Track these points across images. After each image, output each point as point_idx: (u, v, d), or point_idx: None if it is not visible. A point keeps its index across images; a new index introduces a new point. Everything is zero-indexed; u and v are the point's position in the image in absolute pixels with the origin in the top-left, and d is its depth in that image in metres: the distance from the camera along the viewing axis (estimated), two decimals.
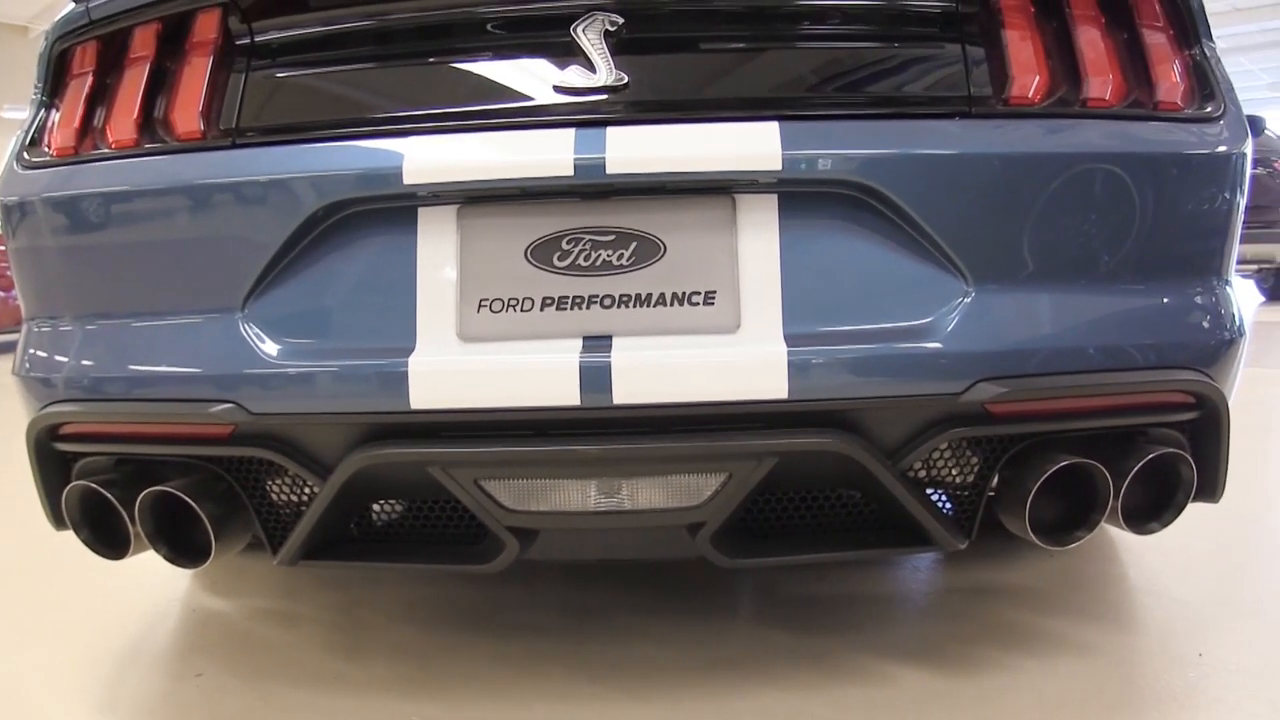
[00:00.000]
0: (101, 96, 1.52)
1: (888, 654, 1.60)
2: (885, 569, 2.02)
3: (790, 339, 1.22)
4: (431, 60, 1.38)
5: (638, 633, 1.72)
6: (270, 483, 1.45)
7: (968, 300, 1.25)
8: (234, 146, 1.37)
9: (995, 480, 1.38)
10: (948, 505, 1.42)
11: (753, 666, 1.57)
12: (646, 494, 1.28)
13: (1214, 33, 1.46)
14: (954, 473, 1.41)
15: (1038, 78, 1.32)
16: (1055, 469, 1.28)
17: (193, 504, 1.34)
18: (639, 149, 1.22)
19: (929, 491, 1.41)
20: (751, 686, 1.51)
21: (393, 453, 1.25)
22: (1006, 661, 1.56)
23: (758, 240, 1.24)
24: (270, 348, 1.30)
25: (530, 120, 1.28)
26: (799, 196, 1.25)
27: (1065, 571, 1.96)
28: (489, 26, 1.36)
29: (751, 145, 1.22)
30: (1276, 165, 7.95)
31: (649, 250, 1.24)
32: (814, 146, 1.23)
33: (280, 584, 2.07)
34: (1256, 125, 7.98)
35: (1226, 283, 1.42)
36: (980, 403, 1.24)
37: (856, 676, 1.53)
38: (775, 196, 1.25)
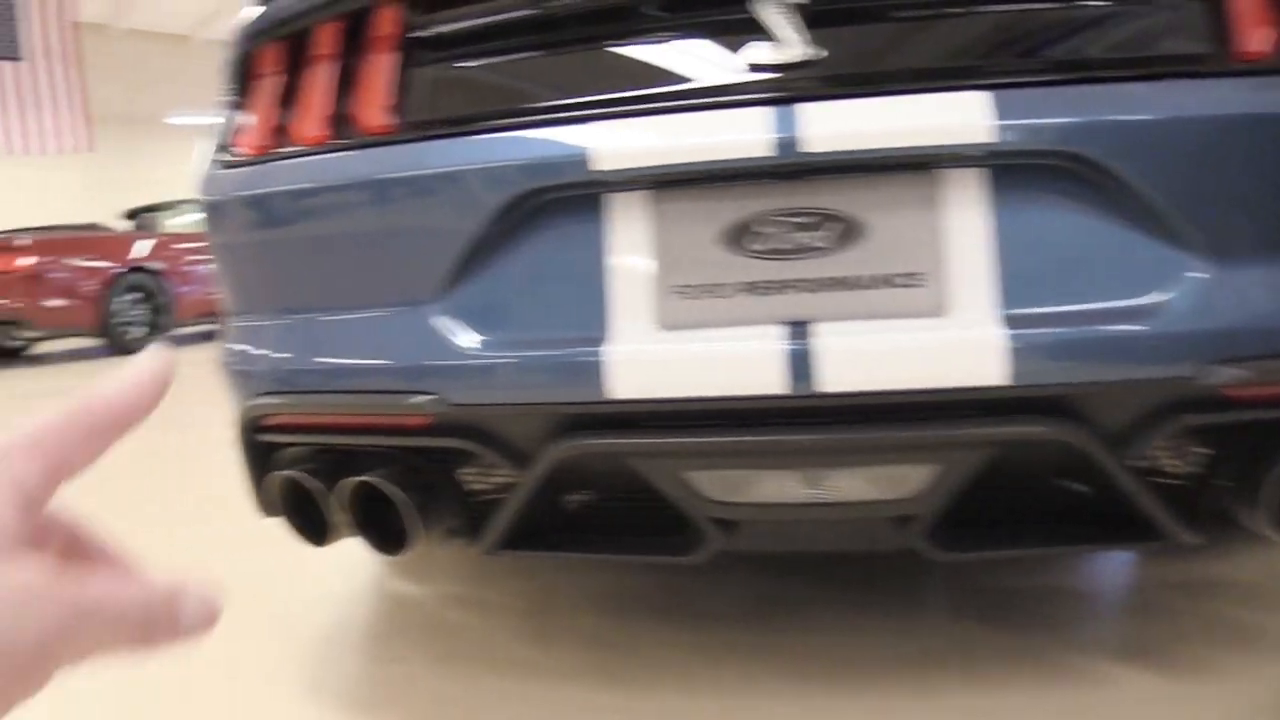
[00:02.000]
0: (290, 95, 1.56)
1: (1100, 653, 1.51)
2: (1086, 561, 1.91)
3: (1006, 321, 1.14)
4: (614, 44, 1.35)
5: (829, 624, 1.68)
6: (467, 472, 1.47)
7: (1201, 276, 1.15)
8: (422, 139, 1.38)
9: (1228, 469, 1.28)
10: (1177, 496, 1.32)
11: (957, 663, 1.51)
12: (854, 485, 1.23)
13: None
14: (1185, 461, 1.31)
15: (1271, 29, 1.21)
16: None
17: (393, 493, 1.36)
18: (837, 125, 1.16)
19: (1158, 482, 1.32)
20: (958, 684, 1.44)
21: (594, 443, 1.24)
22: (1231, 664, 1.45)
23: (967, 217, 1.17)
24: (467, 339, 1.30)
25: (719, 101, 1.24)
26: (1011, 170, 1.18)
27: None
28: (671, 5, 1.33)
29: (958, 117, 1.15)
30: None
31: (849, 231, 1.18)
32: (1026, 116, 1.15)
33: (467, 570, 2.11)
34: None
35: None
36: (1216, 386, 1.14)
37: (1071, 677, 1.44)
38: (985, 170, 1.18)
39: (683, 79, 1.29)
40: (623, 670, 1.58)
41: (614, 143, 1.24)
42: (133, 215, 10.66)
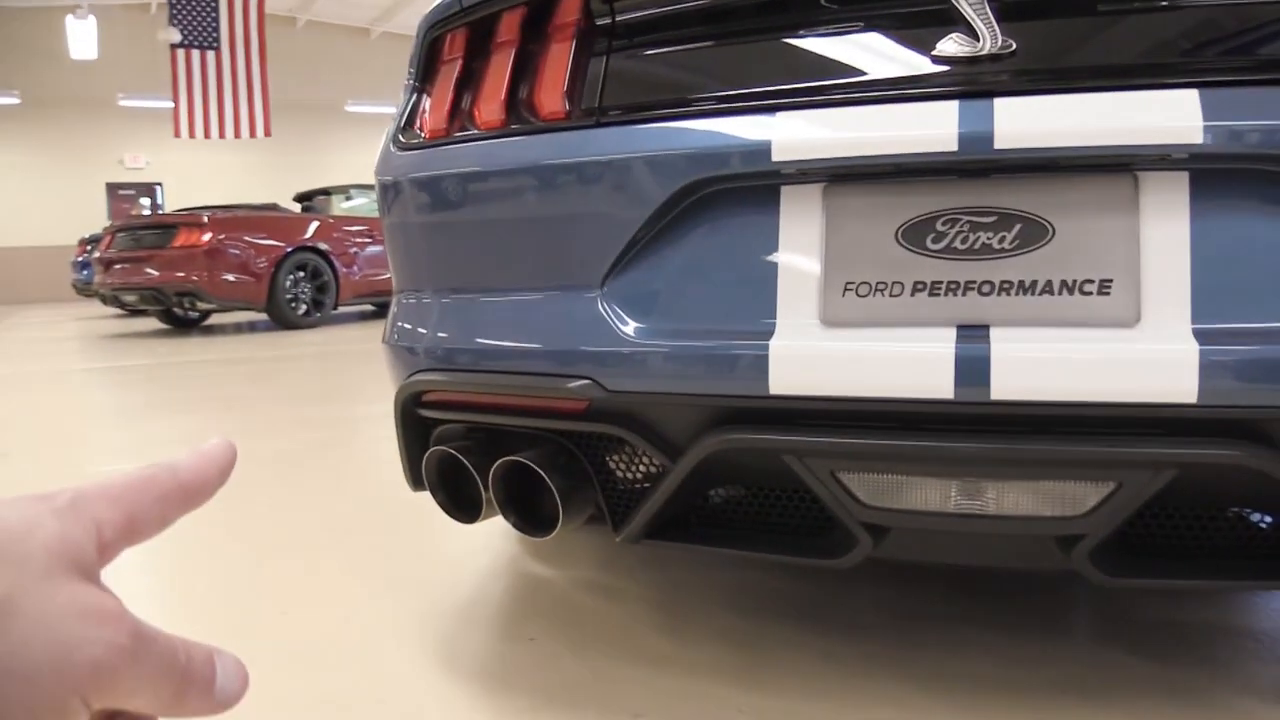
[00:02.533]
0: (470, 80, 1.59)
1: (1259, 695, 1.40)
2: (1249, 600, 1.79)
3: (1201, 336, 1.07)
4: (796, 33, 1.33)
5: (971, 645, 1.61)
6: (614, 459, 1.47)
7: None
8: (597, 126, 1.38)
9: None
10: None
11: (1104, 694, 1.42)
12: (1016, 499, 1.17)
13: None
14: None
15: None
16: None
17: (544, 475, 1.37)
18: (1032, 122, 1.11)
19: None
20: (1099, 715, 1.36)
21: (749, 438, 1.22)
22: None
23: (1164, 223, 1.10)
24: (628, 326, 1.30)
25: (905, 93, 1.20)
26: (1216, 174, 1.10)
27: None
28: None
29: (1165, 116, 1.08)
30: None
31: (1035, 233, 1.13)
32: (1238, 117, 1.07)
33: (601, 557, 2.12)
34: None
35: None
36: None
37: (1223, 717, 1.35)
38: (1186, 174, 1.11)
39: (867, 71, 1.26)
40: (756, 671, 1.55)
41: (797, 134, 1.22)
42: (304, 198, 11.18)
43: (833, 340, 1.17)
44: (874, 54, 1.26)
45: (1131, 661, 1.54)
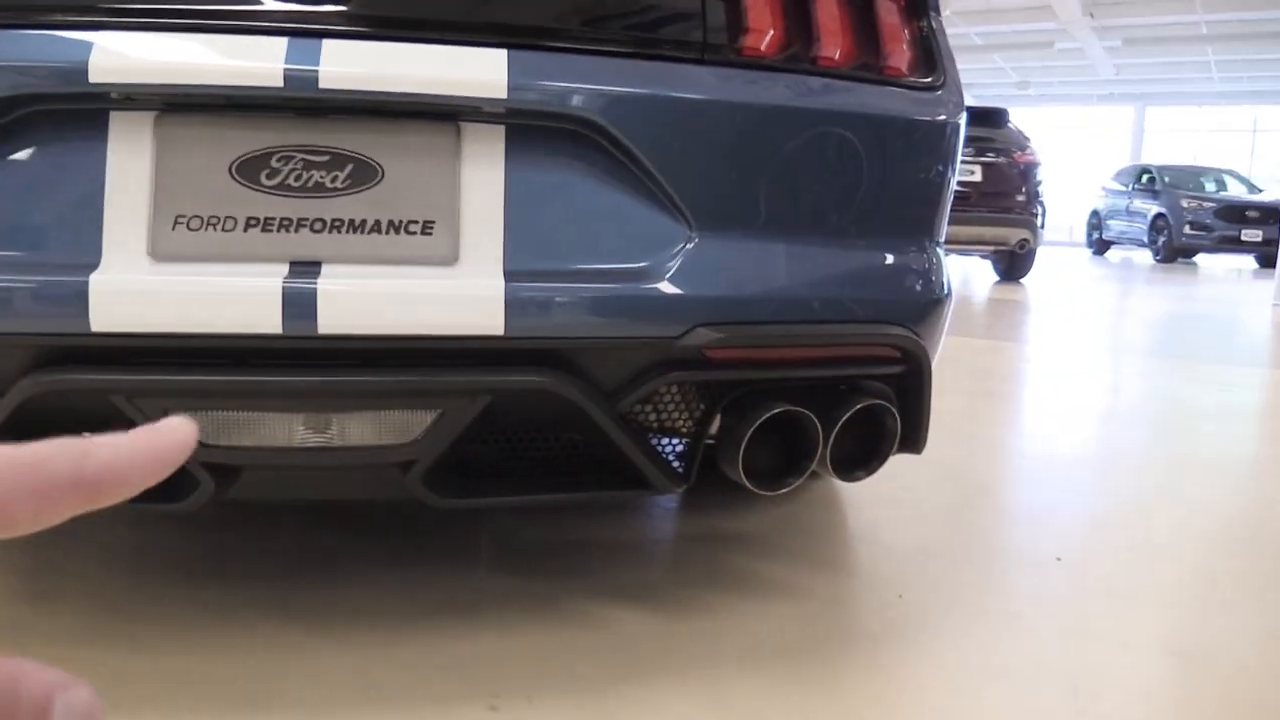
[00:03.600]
0: None
1: (609, 598, 1.62)
2: (619, 516, 2.05)
3: (509, 275, 1.18)
4: None
5: (362, 579, 1.67)
6: None
7: (690, 246, 1.26)
8: None
9: (714, 425, 1.41)
10: (669, 448, 1.44)
11: (474, 612, 1.55)
12: (357, 430, 1.22)
13: (967, 31, 1.53)
14: (673, 417, 1.43)
15: (771, 32, 1.34)
16: (768, 416, 1.31)
17: None
18: (357, 65, 1.15)
19: (650, 435, 1.42)
20: (471, 631, 1.48)
21: (71, 379, 1.13)
22: (722, 604, 1.61)
23: (482, 171, 1.20)
24: None
25: (240, 25, 1.18)
26: (527, 130, 1.22)
27: (789, 520, 2.05)
28: None
29: (477, 71, 1.17)
30: (1015, 157, 8.58)
31: (365, 174, 1.17)
32: (541, 78, 1.20)
33: None
34: (1000, 118, 8.60)
35: (938, 245, 1.50)
36: (698, 347, 1.26)
37: (577, 620, 1.53)
38: (503, 128, 1.21)
39: None
40: (131, 630, 1.47)
41: (120, 56, 1.14)
42: None
43: (160, 275, 1.13)
44: None
45: (511, 581, 1.69)
